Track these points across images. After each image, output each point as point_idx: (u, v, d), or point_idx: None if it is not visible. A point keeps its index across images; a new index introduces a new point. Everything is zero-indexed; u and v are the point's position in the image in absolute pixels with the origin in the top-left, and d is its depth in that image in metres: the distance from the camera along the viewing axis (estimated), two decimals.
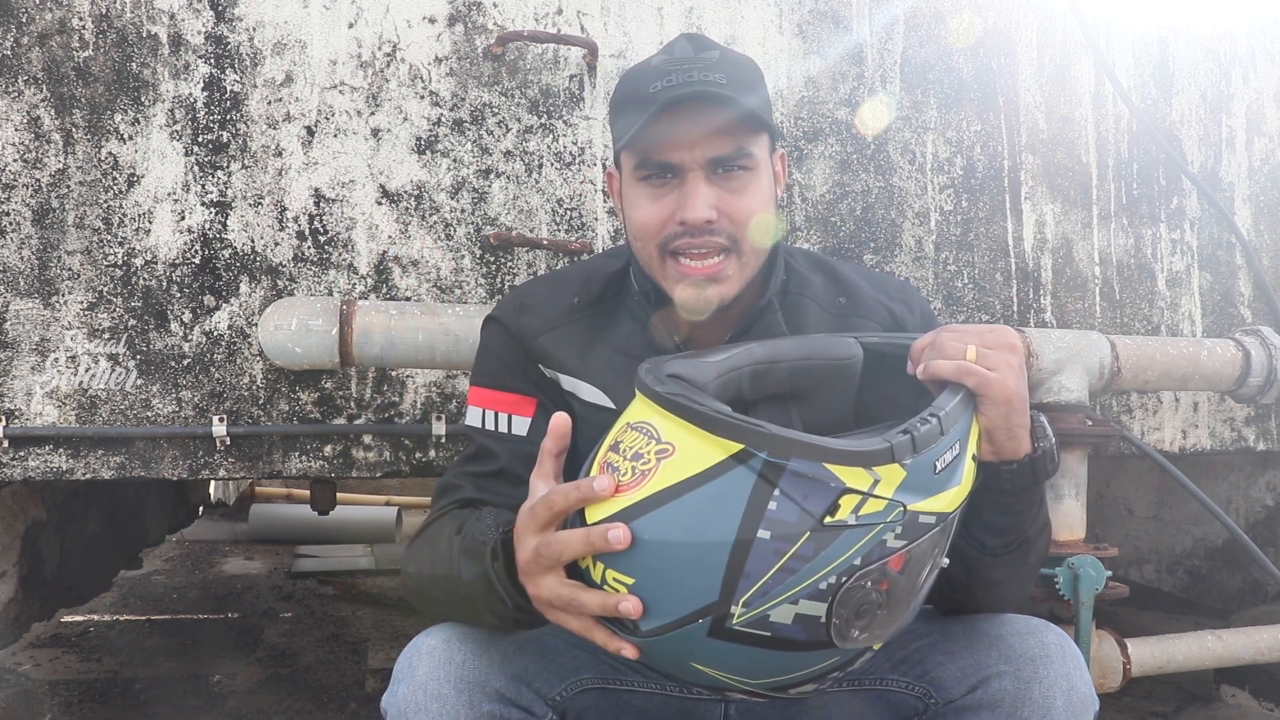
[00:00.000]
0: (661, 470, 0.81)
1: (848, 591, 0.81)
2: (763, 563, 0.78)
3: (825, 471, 0.80)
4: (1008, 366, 0.95)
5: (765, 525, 0.78)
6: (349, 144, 1.66)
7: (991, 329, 0.98)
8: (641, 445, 0.84)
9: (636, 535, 0.80)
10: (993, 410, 0.94)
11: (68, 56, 1.57)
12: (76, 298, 1.56)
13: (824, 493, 0.79)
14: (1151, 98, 2.17)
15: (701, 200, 1.07)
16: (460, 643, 1.02)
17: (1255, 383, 1.98)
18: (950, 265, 1.98)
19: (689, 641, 0.82)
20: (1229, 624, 2.34)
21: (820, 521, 0.79)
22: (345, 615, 3.52)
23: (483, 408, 1.20)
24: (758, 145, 1.11)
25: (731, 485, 0.79)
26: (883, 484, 0.81)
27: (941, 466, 0.86)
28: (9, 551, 1.94)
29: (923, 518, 0.84)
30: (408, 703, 0.98)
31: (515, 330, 1.20)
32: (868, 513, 0.81)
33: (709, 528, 0.79)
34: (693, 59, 1.09)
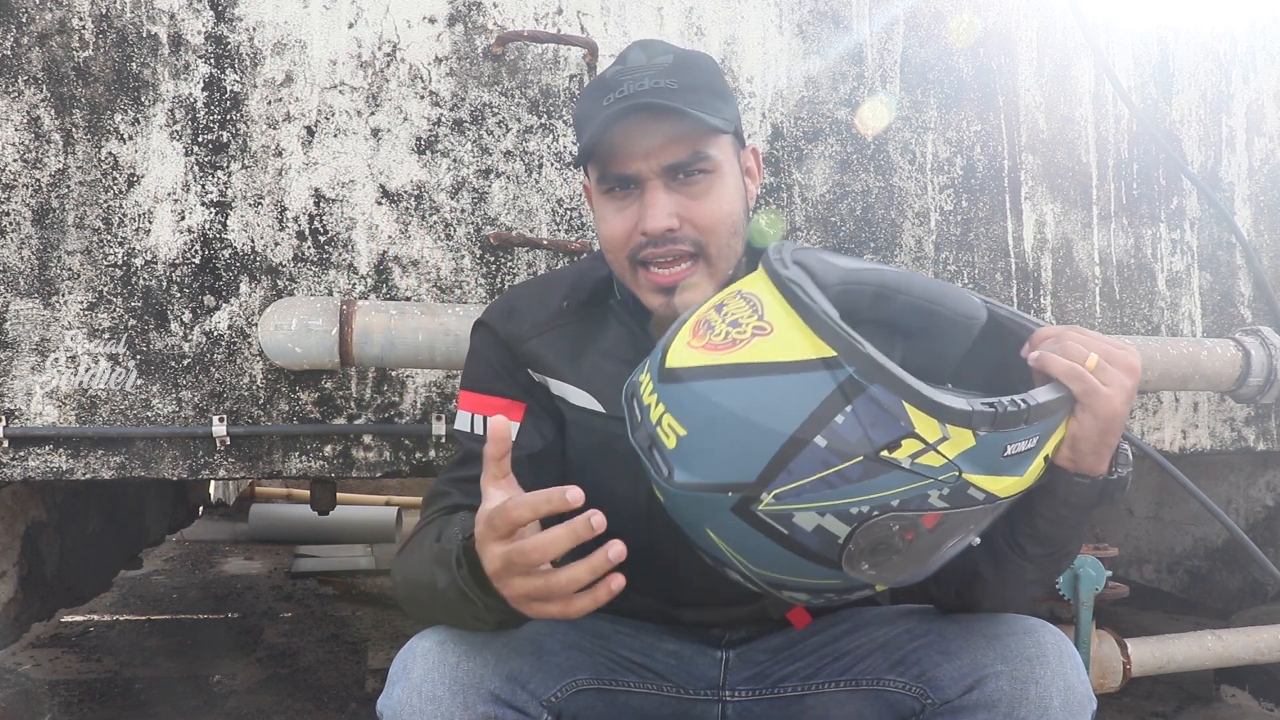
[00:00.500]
0: (753, 345, 0.82)
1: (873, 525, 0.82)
2: (808, 466, 0.80)
3: (901, 409, 0.80)
4: (1120, 387, 0.93)
5: (825, 434, 0.79)
6: (349, 144, 1.66)
7: (1121, 346, 0.96)
8: (743, 315, 0.85)
9: (706, 394, 0.82)
10: (1090, 423, 0.93)
11: (68, 56, 1.57)
12: (76, 298, 1.56)
13: (891, 428, 0.80)
14: (1151, 98, 2.17)
15: (660, 209, 1.07)
16: (454, 644, 1.02)
17: (1255, 383, 1.99)
18: (950, 265, 1.98)
19: (712, 508, 0.84)
20: (1229, 624, 2.34)
21: (876, 453, 0.80)
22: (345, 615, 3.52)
23: (471, 412, 1.21)
24: (716, 147, 1.10)
25: (810, 385, 0.80)
26: (949, 443, 0.81)
27: (1011, 452, 0.86)
28: (9, 551, 1.94)
29: (973, 490, 0.84)
30: (403, 705, 0.98)
31: (504, 335, 1.20)
32: (923, 463, 0.81)
33: (773, 415, 0.80)
34: (645, 66, 1.09)
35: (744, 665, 1.23)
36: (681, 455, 0.84)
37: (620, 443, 1.15)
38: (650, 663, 1.21)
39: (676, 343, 0.89)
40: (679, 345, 0.88)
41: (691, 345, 0.87)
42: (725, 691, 1.22)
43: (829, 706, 1.16)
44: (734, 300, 0.88)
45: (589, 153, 1.09)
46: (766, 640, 1.25)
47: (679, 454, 0.84)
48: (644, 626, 1.24)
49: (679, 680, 1.21)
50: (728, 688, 1.22)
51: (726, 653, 1.25)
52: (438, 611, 1.04)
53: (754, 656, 1.23)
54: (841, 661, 1.16)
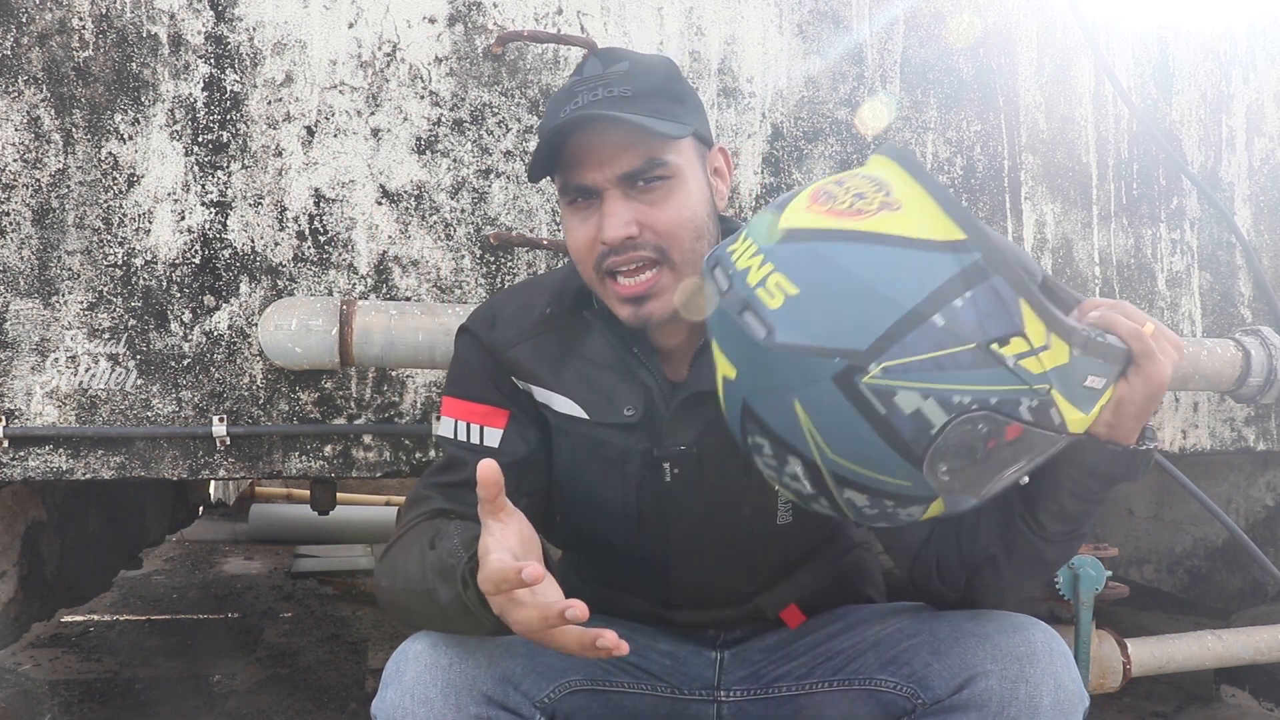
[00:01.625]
0: (880, 216, 0.81)
1: (968, 420, 0.81)
2: (923, 342, 0.79)
3: (1017, 306, 0.80)
4: (1170, 358, 0.93)
5: (944, 313, 0.79)
6: (349, 144, 1.66)
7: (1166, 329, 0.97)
8: (869, 190, 0.84)
9: (830, 255, 0.81)
10: (1140, 386, 0.93)
11: (68, 56, 1.57)
12: (76, 298, 1.56)
13: (1004, 321, 0.80)
14: (1151, 98, 2.17)
15: (617, 219, 1.07)
16: (447, 647, 1.02)
17: (1255, 383, 1.99)
18: None
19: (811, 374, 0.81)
20: (1229, 624, 2.34)
21: (988, 343, 0.80)
22: (345, 615, 3.52)
23: (455, 418, 1.21)
24: (674, 152, 1.09)
25: (935, 264, 0.79)
26: (1049, 353, 0.82)
27: (1089, 384, 0.86)
28: (9, 551, 1.94)
29: (1053, 411, 0.84)
30: (395, 708, 0.99)
31: (488, 343, 1.20)
32: (1024, 366, 0.81)
33: (895, 285, 0.79)
34: (599, 76, 1.09)
35: (739, 665, 1.23)
36: (789, 315, 0.81)
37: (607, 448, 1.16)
38: (645, 663, 1.21)
39: (792, 207, 0.86)
40: (796, 209, 0.85)
41: (812, 209, 0.84)
42: (720, 692, 1.22)
43: (823, 706, 1.16)
44: (854, 178, 0.86)
45: (541, 168, 1.10)
46: (761, 640, 1.25)
47: (785, 313, 0.81)
48: (639, 628, 1.24)
49: (674, 681, 1.21)
50: (722, 688, 1.22)
51: (721, 653, 1.25)
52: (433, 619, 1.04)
53: (749, 656, 1.23)
54: (834, 661, 1.16)
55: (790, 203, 0.88)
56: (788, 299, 0.81)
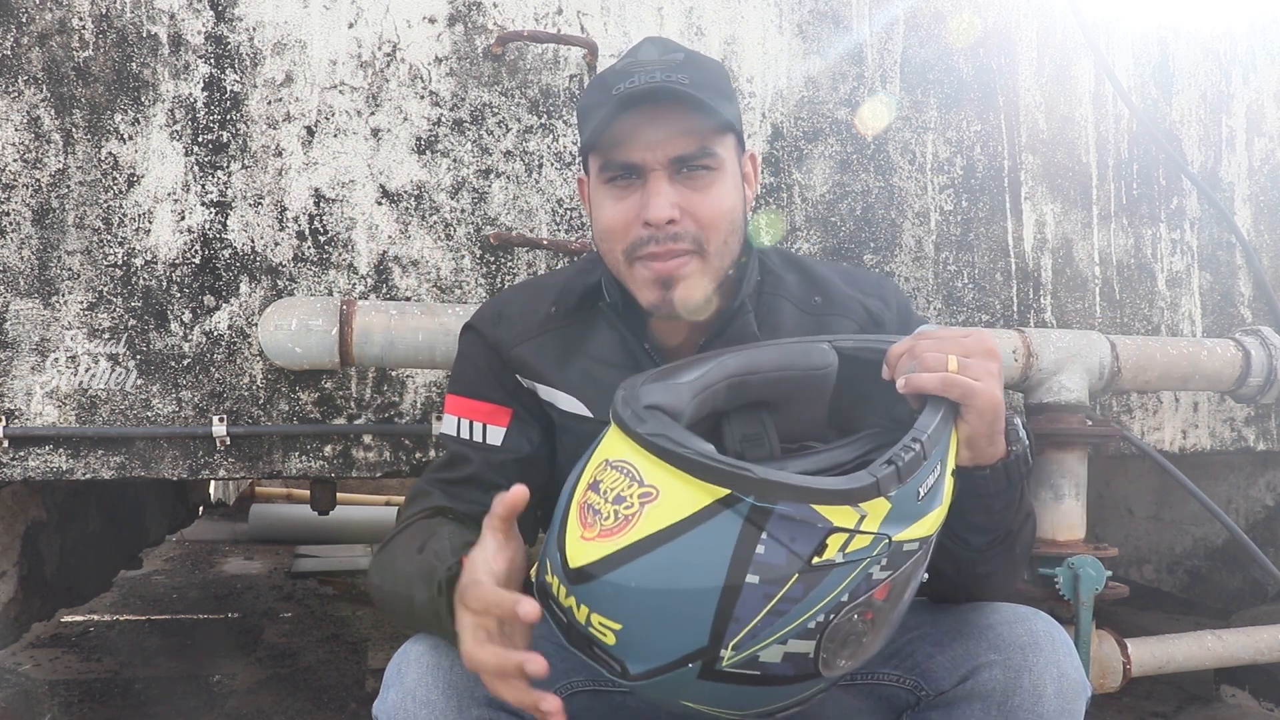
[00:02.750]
0: (645, 515, 0.79)
1: (835, 627, 0.81)
2: (752, 607, 0.78)
3: (812, 513, 0.79)
4: (989, 375, 0.93)
5: (754, 570, 0.78)
6: (349, 144, 1.66)
7: (967, 334, 0.96)
8: (623, 487, 0.82)
9: (623, 583, 0.79)
10: (976, 420, 0.94)
11: (68, 56, 1.56)
12: (76, 298, 1.56)
13: (811, 534, 0.79)
14: (1151, 98, 2.17)
15: (663, 199, 1.06)
16: (449, 648, 1.02)
17: (1255, 383, 1.98)
18: (950, 265, 1.98)
19: (679, 683, 0.82)
20: (1229, 624, 2.34)
21: (808, 563, 0.79)
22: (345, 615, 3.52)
23: (458, 416, 1.21)
24: (722, 146, 1.10)
25: (718, 530, 0.78)
26: (869, 519, 0.81)
27: (925, 492, 0.85)
28: (9, 551, 1.94)
29: (907, 546, 0.84)
30: (397, 710, 0.98)
31: (493, 340, 1.20)
32: (855, 549, 0.80)
33: (697, 574, 0.78)
34: (656, 60, 1.09)
35: None
36: (627, 648, 0.81)
37: None
38: None
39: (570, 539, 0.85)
40: (574, 541, 0.84)
41: (586, 538, 0.82)
42: None
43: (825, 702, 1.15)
44: (607, 473, 0.85)
45: (597, 136, 1.08)
46: None
47: (624, 648, 0.81)
48: None
49: None
50: None
51: None
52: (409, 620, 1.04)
53: None
54: None
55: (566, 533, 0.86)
56: (618, 634, 0.81)
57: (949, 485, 0.91)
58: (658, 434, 0.83)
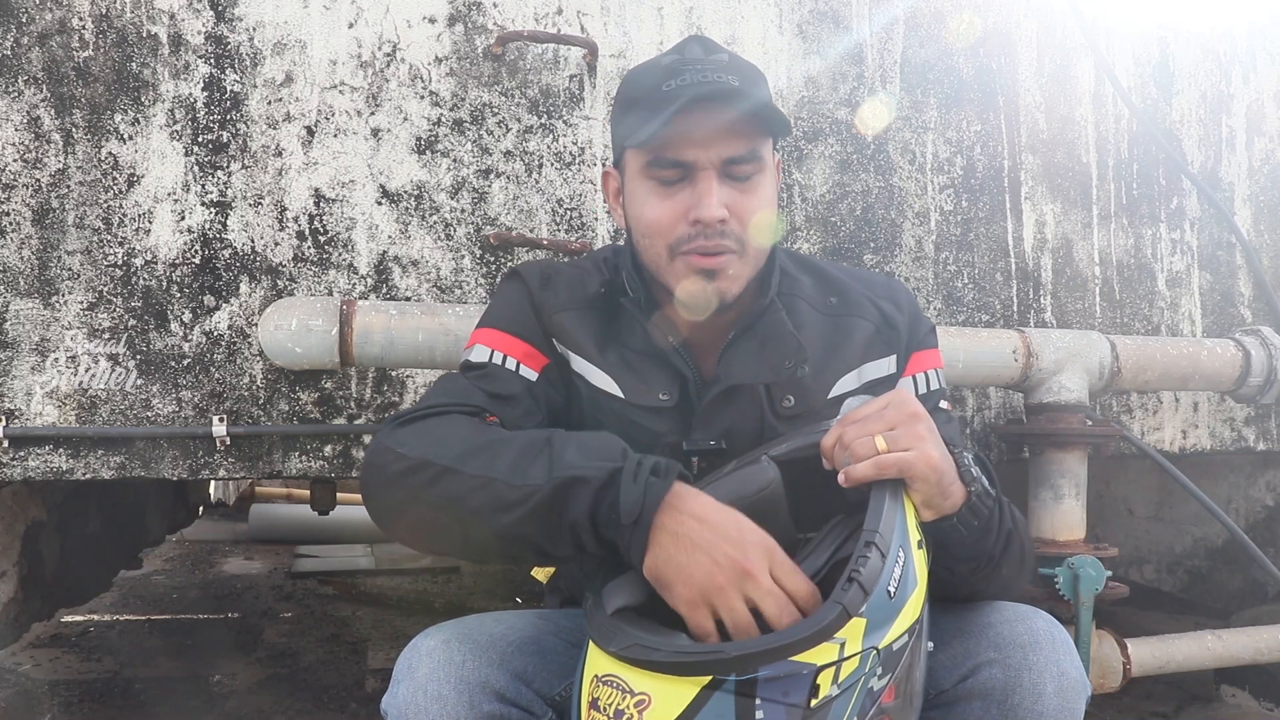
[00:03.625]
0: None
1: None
2: None
3: (794, 664, 0.82)
4: (919, 438, 0.94)
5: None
6: (349, 144, 1.66)
7: (888, 404, 0.96)
8: (619, 700, 0.86)
9: None
10: (923, 485, 0.94)
11: (68, 56, 1.56)
12: (76, 298, 1.56)
13: (801, 682, 0.82)
14: (1151, 98, 2.17)
15: (716, 199, 1.07)
16: (460, 643, 1.02)
17: (1255, 383, 1.99)
18: (950, 265, 1.98)
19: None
20: (1229, 624, 2.34)
21: (808, 708, 0.82)
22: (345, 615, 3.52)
23: (491, 348, 1.17)
24: (766, 147, 1.12)
25: (715, 713, 0.81)
26: (849, 642, 0.83)
27: (895, 587, 0.87)
28: (9, 551, 1.94)
29: (896, 644, 0.87)
30: (408, 704, 0.98)
31: (538, 300, 1.19)
32: (847, 675, 0.83)
33: None
34: (704, 59, 1.10)
35: None
36: None
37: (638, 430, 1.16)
38: None
39: None
40: None
41: None
42: None
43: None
44: (601, 690, 0.89)
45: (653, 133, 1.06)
46: None
47: None
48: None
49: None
50: None
51: None
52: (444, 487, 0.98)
53: None
54: None
55: None
56: None
57: (920, 559, 0.93)
58: (630, 646, 0.86)
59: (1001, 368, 1.80)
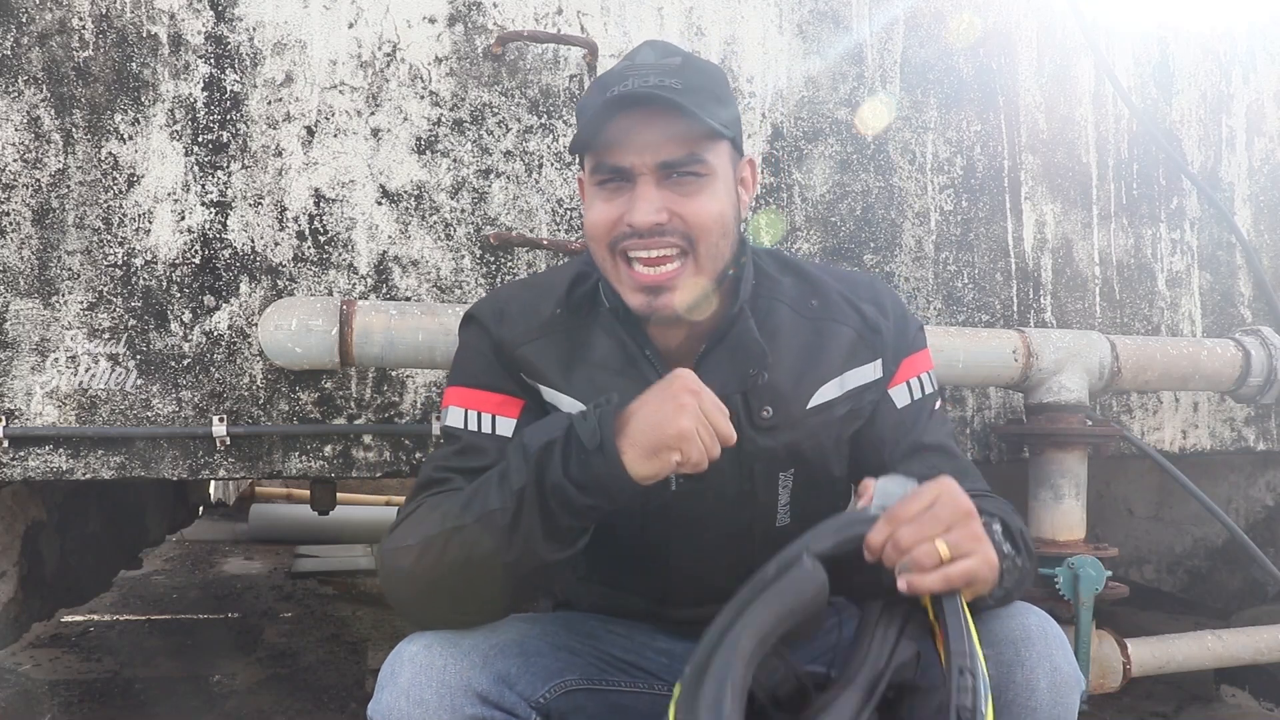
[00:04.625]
0: None
1: None
2: None
3: None
4: (978, 540, 0.93)
5: None
6: (349, 144, 1.66)
7: (940, 501, 0.93)
8: None
9: None
10: (982, 585, 0.95)
11: (68, 56, 1.56)
12: (76, 298, 1.56)
13: None
14: (1151, 98, 2.17)
15: (648, 204, 1.07)
16: (442, 647, 1.02)
17: (1255, 383, 1.99)
18: (950, 265, 1.98)
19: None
20: (1229, 624, 2.34)
21: None
22: (345, 615, 3.52)
23: (464, 408, 1.17)
24: (713, 153, 1.10)
25: None
26: None
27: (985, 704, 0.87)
28: (9, 551, 1.94)
29: None
30: (391, 709, 0.98)
31: (496, 337, 1.18)
32: None
33: None
34: (653, 64, 1.09)
35: None
36: None
37: None
38: (641, 661, 1.21)
39: None
40: None
41: None
42: None
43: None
44: None
45: (585, 143, 1.09)
46: None
47: None
48: (635, 625, 1.24)
49: (670, 679, 1.21)
50: None
51: None
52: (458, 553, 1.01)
53: None
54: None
55: None
56: None
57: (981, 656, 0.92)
58: None
59: (1001, 368, 1.80)
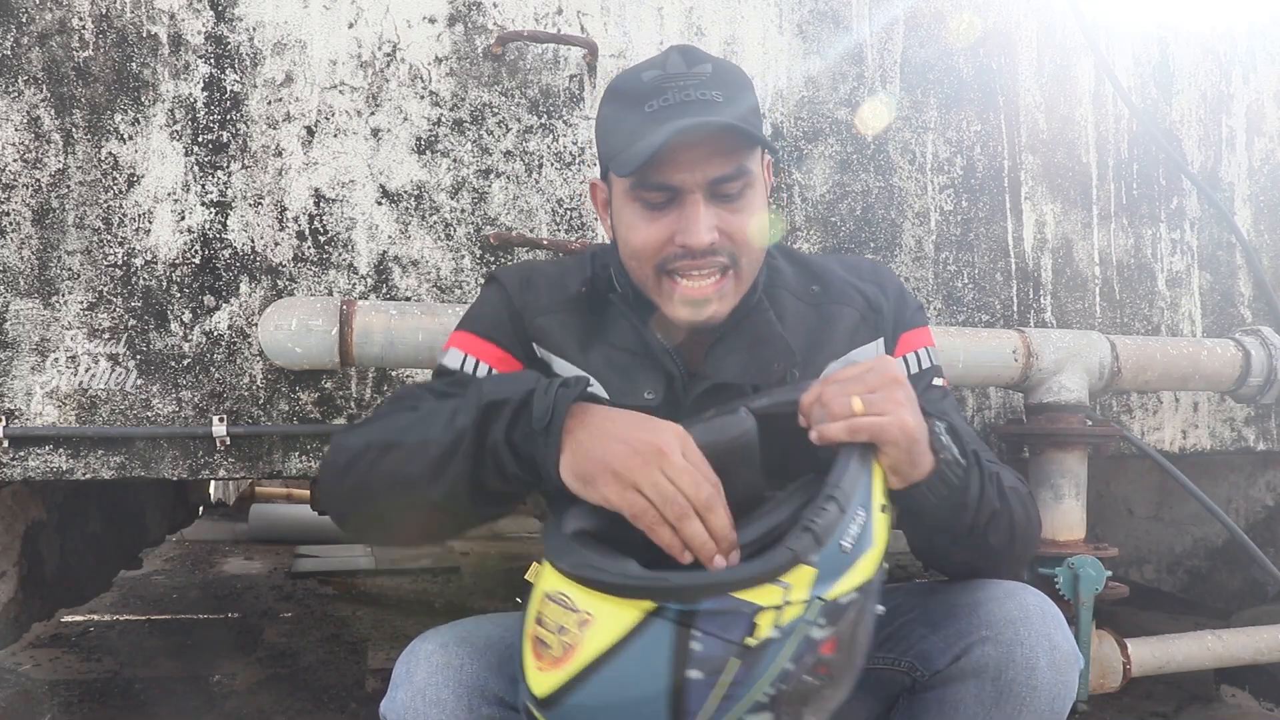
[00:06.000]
0: (586, 640, 0.85)
1: (788, 694, 0.85)
2: (701, 699, 0.83)
3: (736, 601, 0.83)
4: (897, 404, 0.94)
5: (693, 665, 0.82)
6: (349, 144, 1.66)
7: (870, 368, 0.97)
8: (562, 617, 0.87)
9: (582, 703, 0.85)
10: (894, 451, 0.94)
11: (68, 56, 1.56)
12: (76, 298, 1.56)
13: (740, 620, 0.83)
14: (1151, 98, 2.17)
15: (703, 224, 1.06)
16: (458, 647, 1.02)
17: (1255, 383, 1.99)
18: (950, 265, 1.98)
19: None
20: (1229, 624, 2.34)
21: (744, 646, 0.83)
22: (345, 615, 3.52)
23: (465, 352, 1.17)
24: (754, 160, 1.10)
25: (654, 639, 0.83)
26: (795, 589, 0.84)
27: (850, 543, 0.88)
28: (9, 551, 1.94)
29: (843, 599, 0.87)
30: (407, 709, 0.98)
31: (518, 304, 1.19)
32: (788, 620, 0.84)
33: (643, 683, 0.83)
34: (686, 74, 1.08)
35: None
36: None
37: None
38: None
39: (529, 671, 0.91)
40: (532, 673, 0.90)
41: (541, 668, 0.88)
42: None
43: None
44: (548, 607, 0.90)
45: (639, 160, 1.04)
46: None
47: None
48: None
49: None
50: None
51: None
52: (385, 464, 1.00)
53: None
54: None
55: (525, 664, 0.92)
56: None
57: (881, 523, 0.93)
58: (580, 564, 0.88)
59: (1001, 368, 1.80)
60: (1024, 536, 1.10)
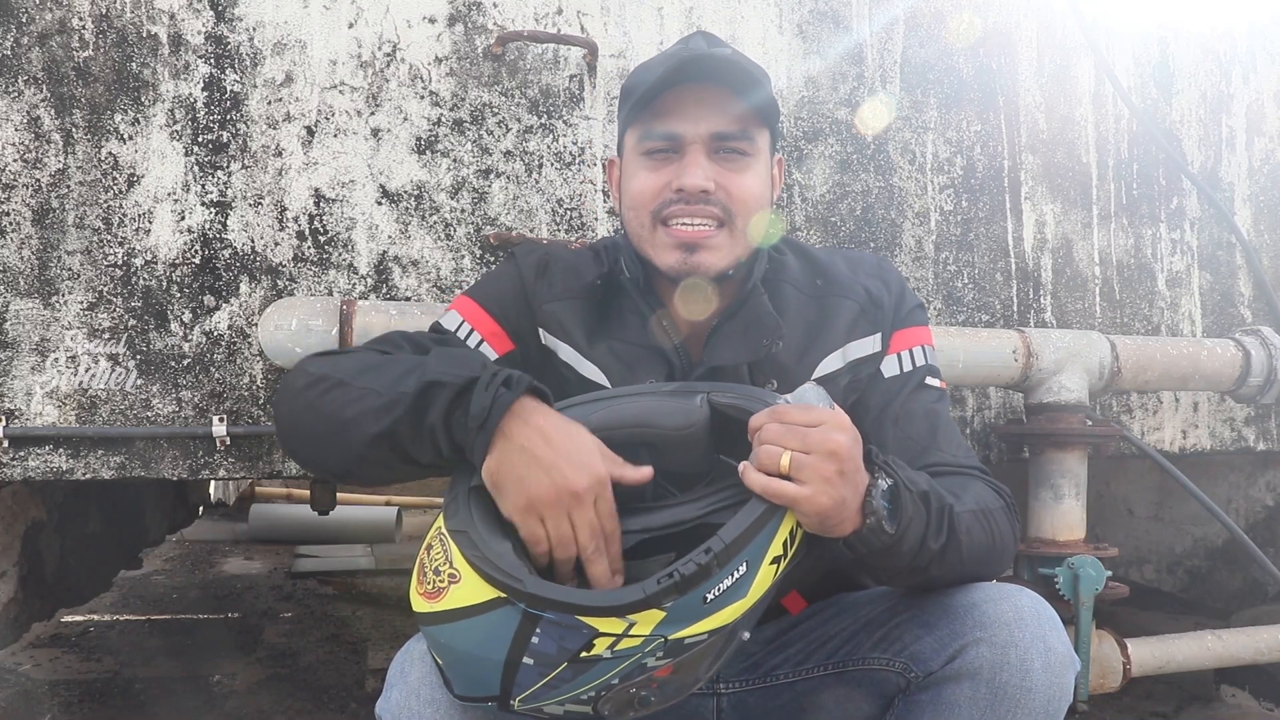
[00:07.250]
0: (451, 593, 0.93)
1: (609, 698, 0.91)
2: (530, 679, 0.90)
3: (577, 621, 0.87)
4: (822, 479, 0.91)
5: (529, 654, 0.89)
6: (349, 144, 1.66)
7: (817, 424, 0.93)
8: (441, 562, 0.95)
9: (437, 637, 0.94)
10: (806, 521, 0.94)
11: (68, 56, 1.56)
12: (76, 298, 1.56)
13: (578, 636, 0.88)
14: (1151, 98, 2.17)
15: (700, 169, 1.10)
16: None
17: (1255, 383, 1.99)
18: (950, 265, 1.98)
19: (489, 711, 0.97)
20: (1229, 624, 2.34)
21: (576, 656, 0.88)
22: (345, 615, 3.52)
23: (463, 319, 1.22)
24: (760, 136, 1.14)
25: (501, 619, 0.90)
26: (638, 625, 0.88)
27: (714, 595, 0.89)
28: (9, 551, 1.94)
29: (689, 640, 0.89)
30: (401, 708, 0.99)
31: (531, 289, 1.22)
32: (624, 648, 0.88)
33: (487, 647, 0.91)
34: (706, 52, 1.13)
35: (738, 658, 1.23)
36: (451, 678, 0.96)
37: None
38: None
39: (413, 586, 0.99)
40: (414, 591, 0.98)
41: (419, 592, 0.97)
42: (719, 684, 1.22)
43: (819, 691, 1.16)
44: (437, 543, 0.97)
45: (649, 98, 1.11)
46: (759, 631, 1.25)
47: (450, 675, 0.96)
48: None
49: None
50: (722, 680, 1.22)
51: None
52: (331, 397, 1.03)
53: (747, 648, 1.23)
54: (829, 645, 1.17)
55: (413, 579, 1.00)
56: (442, 667, 0.97)
57: (765, 574, 0.93)
58: (458, 530, 0.95)
59: (1001, 368, 1.80)
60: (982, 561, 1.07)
